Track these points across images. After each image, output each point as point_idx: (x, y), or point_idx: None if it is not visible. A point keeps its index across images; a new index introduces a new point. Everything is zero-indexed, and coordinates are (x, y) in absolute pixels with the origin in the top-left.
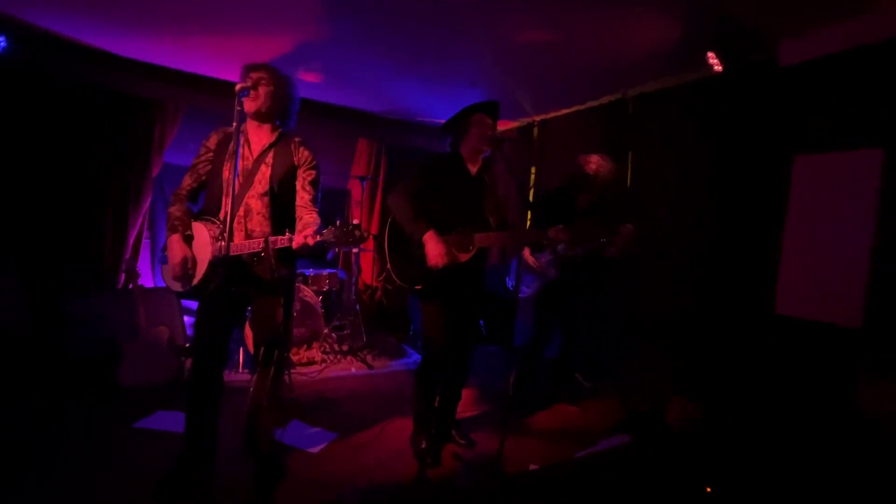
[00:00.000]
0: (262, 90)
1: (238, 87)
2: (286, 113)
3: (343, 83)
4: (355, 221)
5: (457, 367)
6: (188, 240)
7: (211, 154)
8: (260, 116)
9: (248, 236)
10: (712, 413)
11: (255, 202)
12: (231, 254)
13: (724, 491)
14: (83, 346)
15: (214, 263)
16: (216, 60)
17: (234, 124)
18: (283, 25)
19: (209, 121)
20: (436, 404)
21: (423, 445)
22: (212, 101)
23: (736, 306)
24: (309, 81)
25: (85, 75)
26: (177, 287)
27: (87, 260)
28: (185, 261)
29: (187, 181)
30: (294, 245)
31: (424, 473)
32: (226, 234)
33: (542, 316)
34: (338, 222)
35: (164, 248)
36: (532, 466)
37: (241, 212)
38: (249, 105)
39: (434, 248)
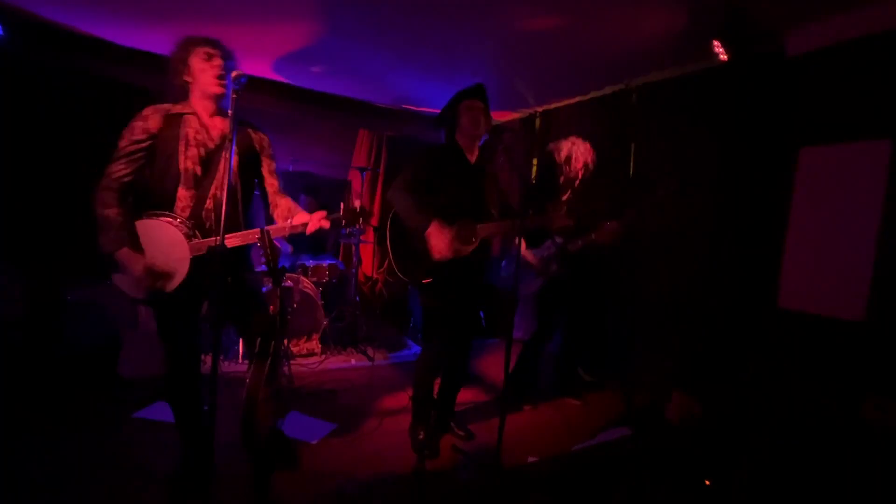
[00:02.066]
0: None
1: (234, 74)
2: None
3: (343, 73)
4: (356, 203)
5: (456, 359)
6: (136, 247)
7: (152, 140)
8: (219, 101)
9: (218, 229)
10: (713, 408)
11: (222, 193)
12: (230, 246)
13: (724, 486)
14: (83, 336)
15: (208, 259)
16: None
17: (231, 113)
18: (284, 14)
19: None
20: (434, 396)
21: (421, 437)
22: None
23: (739, 300)
24: (309, 70)
25: (85, 65)
26: (142, 294)
27: (87, 250)
28: (149, 269)
29: (121, 170)
30: (309, 230)
31: (423, 465)
32: (222, 228)
33: (544, 314)
34: (342, 205)
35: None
36: (531, 459)
37: (209, 204)
38: (217, 88)
39: (439, 241)
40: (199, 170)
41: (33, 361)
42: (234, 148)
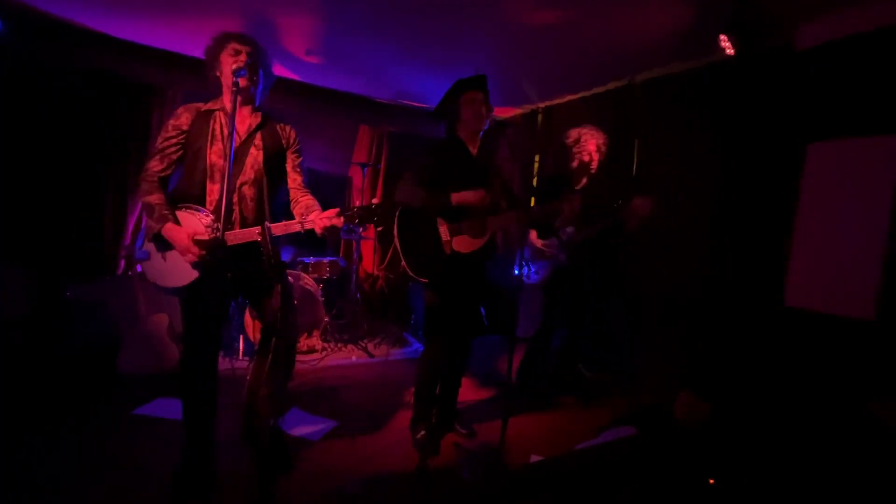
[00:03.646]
0: (252, 67)
1: (234, 66)
2: (264, 91)
3: (344, 68)
4: (375, 202)
5: (456, 356)
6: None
7: (183, 136)
8: (246, 95)
9: (244, 223)
10: (719, 407)
11: (248, 188)
12: (230, 243)
13: (730, 485)
14: (83, 333)
15: (211, 251)
16: None
17: (230, 106)
18: (285, 8)
19: None
20: (436, 393)
21: (422, 435)
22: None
23: (745, 298)
24: (309, 65)
25: (81, 58)
26: (178, 281)
27: (87, 247)
28: (192, 238)
29: (157, 166)
30: (319, 229)
31: (425, 463)
32: (220, 222)
33: (551, 302)
34: (357, 203)
35: (143, 245)
36: (534, 458)
37: (234, 198)
38: (242, 80)
39: (470, 197)
40: (224, 164)
41: (33, 359)
42: (234, 140)
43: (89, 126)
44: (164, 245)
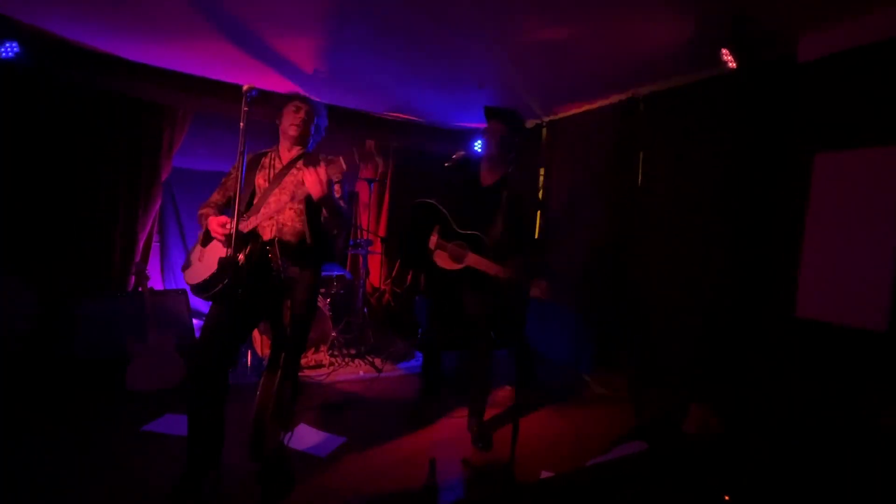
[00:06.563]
0: (306, 120)
1: (245, 87)
2: (315, 139)
3: (351, 85)
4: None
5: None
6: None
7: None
8: (296, 141)
9: (280, 230)
10: (731, 420)
11: (286, 197)
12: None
13: (744, 501)
14: (92, 348)
15: (222, 265)
16: (225, 64)
17: (241, 125)
18: (292, 28)
19: (218, 125)
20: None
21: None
22: (220, 105)
23: (755, 309)
24: (316, 82)
25: (95, 80)
26: (194, 279)
27: (97, 263)
28: (223, 224)
29: (216, 197)
30: (310, 187)
31: (434, 481)
32: (233, 237)
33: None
34: (364, 218)
35: (190, 252)
36: (544, 474)
37: (272, 209)
38: (293, 130)
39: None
40: (258, 195)
41: (41, 374)
42: (269, 170)
43: (101, 143)
44: (207, 241)
